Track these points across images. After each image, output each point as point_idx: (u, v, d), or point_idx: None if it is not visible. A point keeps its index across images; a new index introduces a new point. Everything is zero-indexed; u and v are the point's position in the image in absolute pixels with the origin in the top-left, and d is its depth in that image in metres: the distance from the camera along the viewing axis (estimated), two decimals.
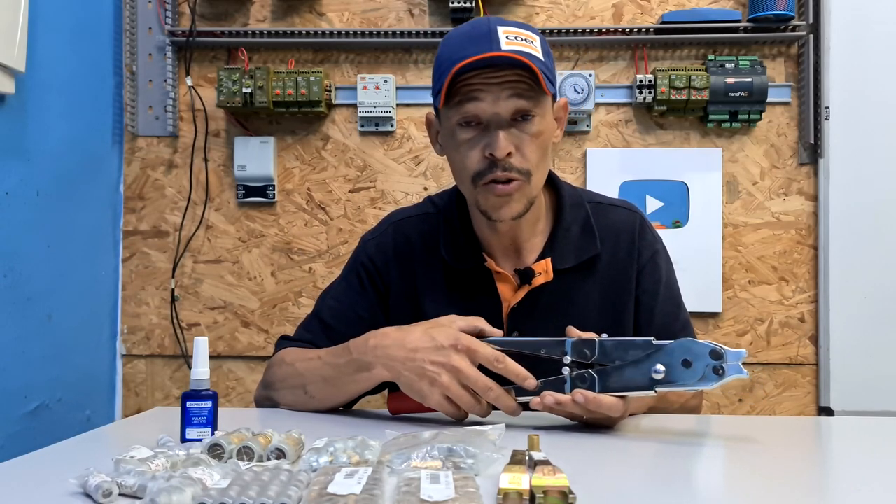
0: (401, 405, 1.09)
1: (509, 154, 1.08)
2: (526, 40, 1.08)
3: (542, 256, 1.19)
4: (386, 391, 1.36)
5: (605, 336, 0.97)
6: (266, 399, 1.21)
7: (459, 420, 1.02)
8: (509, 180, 1.10)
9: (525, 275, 1.16)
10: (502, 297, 1.18)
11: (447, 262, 1.20)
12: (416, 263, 1.23)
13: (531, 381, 0.98)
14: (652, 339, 0.95)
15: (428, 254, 1.23)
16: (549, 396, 0.95)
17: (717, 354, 0.90)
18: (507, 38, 1.07)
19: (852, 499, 0.74)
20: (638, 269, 1.22)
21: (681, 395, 1.18)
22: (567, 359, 0.97)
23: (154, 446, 0.82)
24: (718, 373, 0.90)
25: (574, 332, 1.01)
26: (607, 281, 1.21)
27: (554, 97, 1.15)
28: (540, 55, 1.09)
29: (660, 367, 0.92)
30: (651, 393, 0.93)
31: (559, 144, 1.92)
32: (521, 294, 1.17)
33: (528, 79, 1.07)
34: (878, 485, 0.78)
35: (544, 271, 1.16)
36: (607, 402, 0.94)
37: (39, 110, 1.56)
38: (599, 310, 1.20)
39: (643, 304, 1.23)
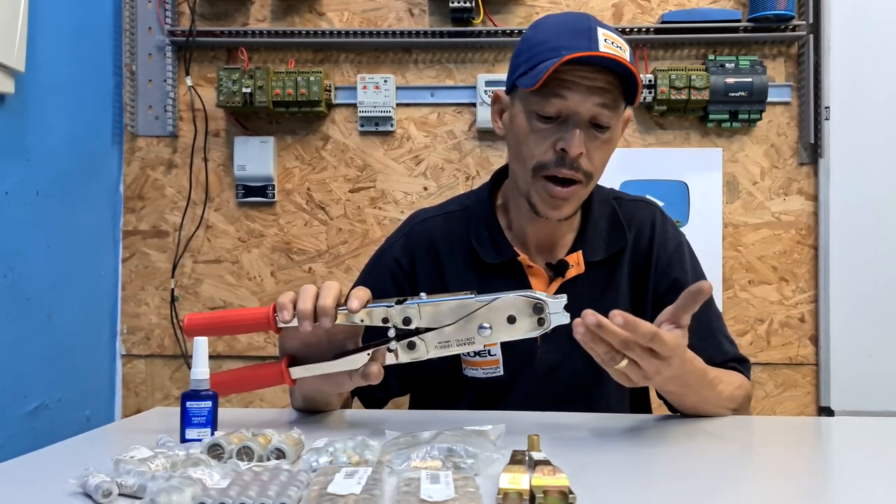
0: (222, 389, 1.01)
1: (580, 154, 1.09)
2: (620, 48, 1.09)
3: (572, 250, 1.20)
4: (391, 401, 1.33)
5: (423, 295, 0.95)
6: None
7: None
8: (570, 182, 1.10)
9: (558, 267, 1.18)
10: None
11: (477, 258, 1.20)
12: (444, 262, 1.22)
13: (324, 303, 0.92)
14: (474, 294, 0.94)
15: (455, 252, 1.23)
16: (591, 315, 0.86)
17: (538, 308, 0.93)
18: (604, 41, 1.07)
19: (852, 499, 0.75)
20: (665, 261, 1.23)
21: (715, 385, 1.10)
22: (392, 331, 0.95)
23: (154, 446, 0.82)
24: (542, 324, 0.94)
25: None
26: (633, 272, 1.23)
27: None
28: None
29: (485, 324, 0.93)
30: (479, 347, 0.95)
31: None
32: (554, 287, 1.18)
33: (614, 86, 1.08)
34: (878, 485, 0.78)
35: (576, 264, 1.19)
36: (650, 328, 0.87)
37: (39, 110, 1.56)
38: (629, 300, 1.22)
39: (675, 298, 1.21)
